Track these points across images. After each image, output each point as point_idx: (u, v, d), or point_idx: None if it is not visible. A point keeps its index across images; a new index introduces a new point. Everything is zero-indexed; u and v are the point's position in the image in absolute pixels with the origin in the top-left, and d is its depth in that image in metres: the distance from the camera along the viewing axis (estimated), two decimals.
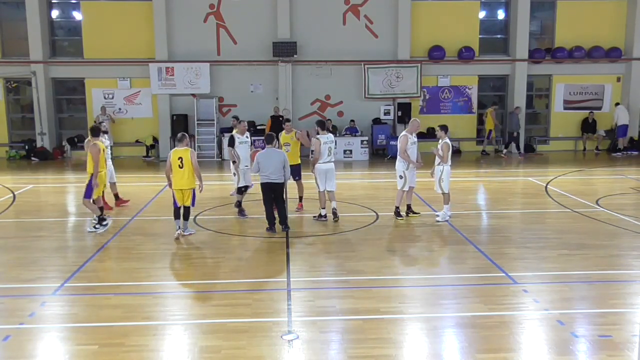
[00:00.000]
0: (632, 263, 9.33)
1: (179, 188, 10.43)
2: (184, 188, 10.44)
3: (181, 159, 10.33)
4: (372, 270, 8.86)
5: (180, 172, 10.35)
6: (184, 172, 10.35)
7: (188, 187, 10.48)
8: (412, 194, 12.24)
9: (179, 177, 10.38)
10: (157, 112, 21.89)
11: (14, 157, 21.70)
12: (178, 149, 10.49)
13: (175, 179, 10.42)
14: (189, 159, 10.39)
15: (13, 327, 6.80)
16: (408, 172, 11.74)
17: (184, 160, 10.33)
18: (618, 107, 22.09)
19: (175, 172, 10.39)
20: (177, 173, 10.38)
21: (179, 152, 10.44)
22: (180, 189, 10.44)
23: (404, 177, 11.76)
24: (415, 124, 11.95)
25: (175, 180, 10.43)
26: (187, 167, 10.36)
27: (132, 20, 21.57)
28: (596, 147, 22.62)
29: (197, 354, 6.16)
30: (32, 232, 11.26)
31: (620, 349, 6.20)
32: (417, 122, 12.05)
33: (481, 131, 22.99)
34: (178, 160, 10.34)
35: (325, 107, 22.33)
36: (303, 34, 21.49)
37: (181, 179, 10.38)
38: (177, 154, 10.40)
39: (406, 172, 11.73)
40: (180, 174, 10.36)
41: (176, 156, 10.38)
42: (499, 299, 7.66)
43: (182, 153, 10.41)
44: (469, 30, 22.26)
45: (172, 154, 10.46)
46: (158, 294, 8.05)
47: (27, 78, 21.68)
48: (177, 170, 10.36)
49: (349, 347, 6.31)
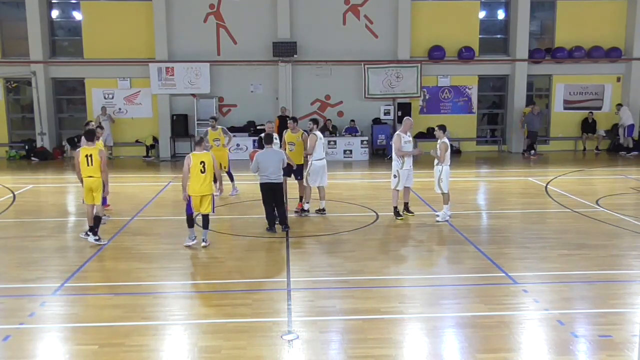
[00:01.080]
0: (632, 263, 9.34)
1: (199, 194, 9.83)
2: (204, 194, 9.85)
3: (203, 164, 9.75)
4: (372, 270, 8.87)
5: (202, 177, 9.76)
6: (206, 178, 9.79)
7: (208, 193, 9.92)
8: (410, 193, 12.26)
9: (199, 182, 9.78)
10: (157, 112, 21.88)
11: (14, 157, 21.69)
12: (198, 153, 9.87)
13: (195, 184, 9.80)
14: (212, 164, 9.87)
15: (13, 327, 6.81)
16: (402, 171, 11.77)
17: (206, 165, 9.76)
18: (623, 108, 21.92)
19: (196, 177, 9.77)
20: (198, 178, 9.77)
21: (199, 156, 9.83)
22: (200, 195, 9.84)
23: (397, 176, 11.81)
24: (408, 123, 12.01)
25: (195, 186, 9.80)
26: (209, 172, 9.81)
27: (132, 20, 21.57)
28: (596, 147, 22.61)
29: (197, 354, 6.16)
30: (32, 232, 11.26)
31: (620, 349, 6.21)
32: (410, 121, 12.12)
33: (482, 131, 23.07)
34: (200, 165, 9.74)
35: (325, 107, 22.33)
36: (303, 34, 21.49)
37: (202, 184, 9.79)
38: (199, 158, 9.79)
39: (400, 171, 11.78)
40: (201, 179, 9.76)
41: (198, 160, 9.77)
42: (499, 299, 7.66)
43: (203, 157, 9.83)
44: (469, 30, 22.26)
45: (192, 158, 9.78)
46: (158, 294, 8.05)
47: (27, 78, 21.67)
48: (198, 175, 9.75)
49: (349, 347, 6.31)
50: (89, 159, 10.12)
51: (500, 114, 23.50)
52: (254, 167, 10.80)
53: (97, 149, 10.21)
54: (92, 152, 10.14)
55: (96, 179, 10.17)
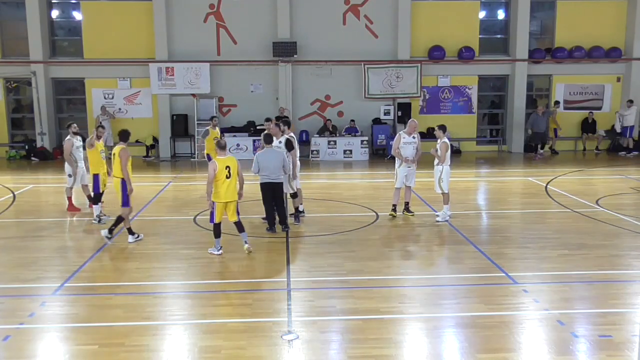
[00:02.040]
0: (632, 263, 9.33)
1: (224, 200, 9.42)
2: (230, 200, 9.46)
3: (229, 169, 9.33)
4: (372, 270, 8.87)
5: (227, 183, 9.33)
6: (231, 183, 9.38)
7: (233, 199, 9.52)
8: (411, 192, 12.26)
9: (224, 188, 9.34)
10: (157, 112, 21.89)
11: (14, 157, 21.70)
12: (223, 158, 9.43)
13: (221, 190, 9.35)
14: (237, 168, 9.49)
15: (13, 327, 6.80)
16: (400, 169, 11.81)
17: (231, 170, 9.36)
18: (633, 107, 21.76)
19: (221, 183, 9.32)
20: (223, 184, 9.32)
21: (224, 161, 9.40)
22: (225, 202, 9.44)
23: (395, 174, 11.90)
24: (413, 125, 12.04)
25: (221, 193, 9.36)
26: (234, 177, 9.44)
27: (132, 20, 21.57)
28: (596, 147, 22.62)
29: (197, 354, 6.16)
30: (32, 232, 11.26)
31: (620, 349, 6.21)
32: (415, 122, 12.15)
33: (482, 131, 23.09)
34: (225, 170, 9.31)
35: (325, 107, 22.33)
36: (303, 34, 21.49)
37: (227, 190, 9.36)
38: (224, 163, 9.35)
39: (398, 169, 11.84)
40: (226, 184, 9.33)
41: (223, 165, 9.32)
42: (499, 299, 7.66)
43: (229, 162, 9.41)
44: (469, 30, 22.26)
45: (217, 163, 9.33)
46: (158, 294, 8.05)
47: (27, 78, 21.68)
48: (224, 181, 9.31)
49: (349, 347, 6.31)
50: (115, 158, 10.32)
51: (500, 114, 23.50)
52: (254, 168, 10.77)
53: (119, 149, 10.32)
54: (117, 152, 10.33)
55: (116, 179, 10.39)
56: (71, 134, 12.65)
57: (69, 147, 12.54)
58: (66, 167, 12.76)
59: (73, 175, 12.70)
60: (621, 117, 21.83)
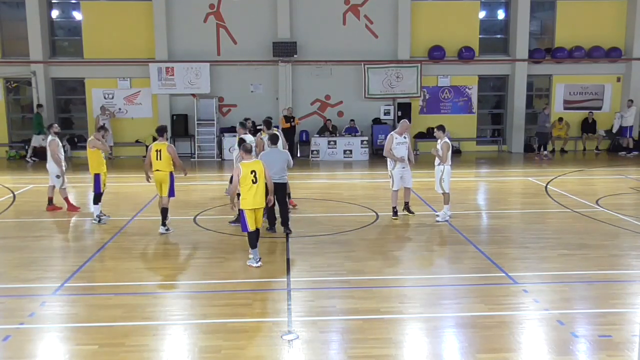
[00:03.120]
0: (632, 263, 9.33)
1: (253, 207, 8.86)
2: (257, 207, 8.93)
3: (254, 173, 8.82)
4: (372, 270, 8.87)
5: (254, 188, 8.80)
6: (258, 188, 8.84)
7: (262, 206, 9.03)
8: (410, 193, 12.25)
9: (252, 194, 8.80)
10: (157, 112, 21.88)
11: (13, 157, 21.70)
12: (248, 162, 8.94)
13: (248, 196, 8.81)
14: (263, 172, 8.99)
15: (13, 327, 6.81)
16: (395, 171, 11.75)
17: (257, 174, 8.85)
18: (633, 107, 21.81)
19: (248, 189, 8.80)
20: (250, 190, 8.79)
21: (249, 165, 8.89)
22: (254, 208, 8.90)
23: (391, 176, 11.87)
24: (405, 126, 12.01)
25: (248, 199, 8.82)
26: (262, 181, 8.91)
27: (132, 20, 21.56)
28: (596, 147, 22.62)
29: (197, 354, 6.16)
30: (32, 232, 11.25)
31: (620, 349, 6.21)
32: (407, 123, 12.13)
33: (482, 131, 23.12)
34: (251, 175, 8.80)
35: (325, 107, 22.33)
36: (303, 34, 21.49)
37: (254, 196, 8.82)
38: (249, 168, 8.84)
39: (393, 171, 11.79)
40: (253, 190, 8.79)
41: (248, 170, 8.81)
42: (499, 299, 7.66)
43: (254, 166, 8.90)
44: (469, 30, 22.25)
45: (242, 168, 8.86)
46: (158, 294, 8.05)
47: (27, 78, 21.67)
48: (250, 186, 8.78)
49: (349, 347, 6.31)
50: (159, 154, 10.84)
51: (500, 114, 23.49)
52: None
53: (165, 145, 10.82)
54: (162, 148, 10.84)
55: (163, 173, 10.82)
56: (53, 134, 12.64)
57: (55, 147, 12.56)
58: (53, 168, 12.69)
59: (62, 175, 12.68)
60: (621, 117, 21.83)
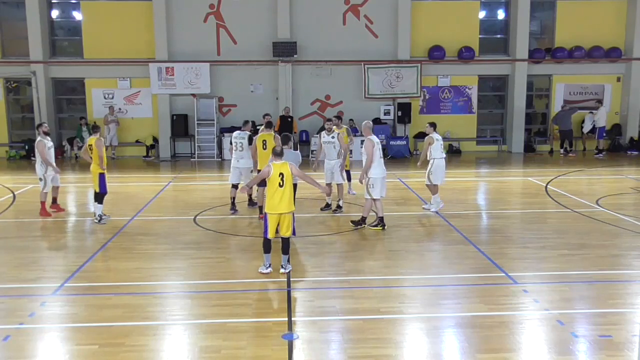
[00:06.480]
0: (632, 263, 9.33)
1: (277, 212, 8.35)
2: (283, 212, 8.37)
3: (282, 176, 8.30)
4: (372, 270, 8.87)
5: (280, 192, 8.29)
6: (284, 192, 8.32)
7: (288, 211, 8.44)
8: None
9: (278, 198, 8.29)
10: (157, 112, 21.89)
11: (14, 157, 21.70)
12: (277, 163, 8.41)
13: (273, 200, 8.33)
14: (291, 176, 8.43)
15: (13, 327, 6.80)
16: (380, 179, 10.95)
17: (285, 177, 8.32)
18: (602, 108, 22.01)
19: (274, 191, 8.31)
20: (276, 193, 8.30)
21: (278, 167, 8.37)
22: (278, 213, 8.37)
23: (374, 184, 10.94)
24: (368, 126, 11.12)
25: (273, 203, 8.33)
26: (288, 185, 8.37)
27: (132, 20, 21.57)
28: (596, 147, 22.60)
29: (197, 354, 6.16)
30: (32, 232, 11.25)
31: (620, 349, 6.21)
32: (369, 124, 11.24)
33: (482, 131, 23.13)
34: (279, 178, 8.29)
35: (325, 107, 22.33)
36: (303, 34, 21.50)
37: (280, 201, 8.30)
38: (278, 170, 8.33)
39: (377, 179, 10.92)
40: (279, 194, 8.29)
41: (277, 172, 8.31)
42: (499, 299, 7.66)
43: (282, 168, 8.35)
44: (469, 30, 22.27)
45: (273, 168, 8.36)
46: (158, 294, 8.05)
47: (27, 78, 21.68)
48: (276, 189, 8.29)
49: (349, 347, 6.31)
50: (265, 144, 11.17)
51: (500, 114, 23.50)
52: None
53: (271, 135, 11.06)
54: (267, 138, 11.20)
55: None
56: (42, 135, 12.15)
57: (42, 148, 12.01)
58: (38, 170, 12.21)
59: (44, 179, 12.13)
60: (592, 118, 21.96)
